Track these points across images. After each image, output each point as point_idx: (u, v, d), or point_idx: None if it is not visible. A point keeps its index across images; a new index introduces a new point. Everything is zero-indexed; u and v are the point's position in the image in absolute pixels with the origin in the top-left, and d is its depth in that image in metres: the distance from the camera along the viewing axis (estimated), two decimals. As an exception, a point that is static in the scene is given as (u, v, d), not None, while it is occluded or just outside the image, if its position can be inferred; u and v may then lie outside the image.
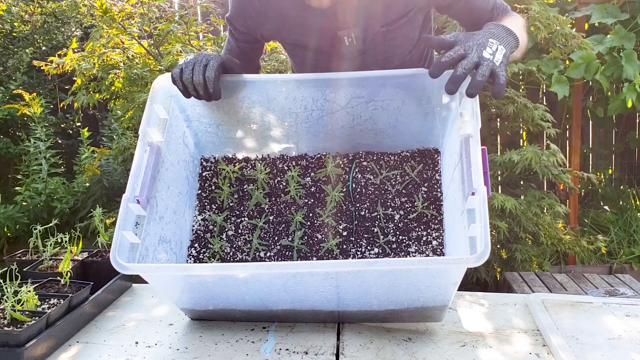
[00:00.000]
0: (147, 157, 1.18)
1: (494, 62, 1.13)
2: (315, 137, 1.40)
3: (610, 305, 1.30)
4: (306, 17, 1.34)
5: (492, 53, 1.13)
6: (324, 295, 1.10)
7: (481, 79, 1.10)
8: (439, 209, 1.31)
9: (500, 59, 1.14)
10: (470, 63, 1.11)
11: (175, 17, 3.58)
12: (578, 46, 3.38)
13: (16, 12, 4.84)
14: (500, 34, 1.19)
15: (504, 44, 1.17)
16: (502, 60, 1.14)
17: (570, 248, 3.46)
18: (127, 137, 4.02)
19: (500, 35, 1.18)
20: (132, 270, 1.02)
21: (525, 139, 4.30)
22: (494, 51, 1.14)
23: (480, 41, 1.15)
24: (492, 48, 1.14)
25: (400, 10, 1.34)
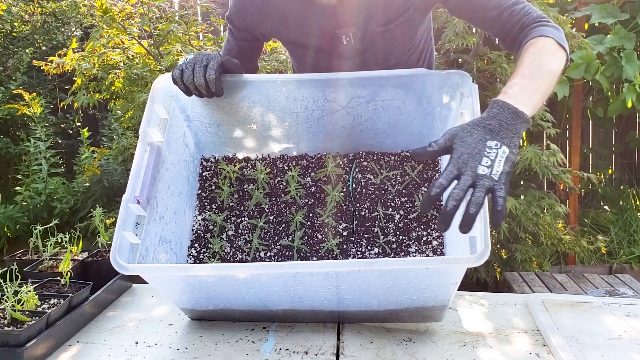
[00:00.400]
0: (147, 157, 1.18)
1: (491, 178, 0.94)
2: (315, 137, 1.40)
3: (610, 305, 1.30)
4: (306, 16, 1.34)
5: (490, 165, 0.95)
6: (324, 295, 1.10)
7: (474, 211, 0.92)
8: (439, 209, 1.31)
9: (501, 169, 0.95)
10: (462, 190, 0.93)
11: (175, 17, 3.58)
12: (578, 46, 3.38)
13: (16, 12, 4.84)
14: (504, 123, 0.99)
15: (508, 138, 0.97)
16: (502, 170, 0.95)
17: (570, 248, 3.46)
18: (127, 137, 4.02)
19: (503, 126, 0.99)
20: (132, 271, 1.02)
21: (525, 139, 4.30)
22: (492, 161, 0.95)
23: (475, 148, 0.96)
24: (490, 157, 0.95)
25: (399, 9, 1.33)
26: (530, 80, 1.09)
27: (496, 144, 0.97)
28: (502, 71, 3.29)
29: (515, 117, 1.00)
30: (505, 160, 0.96)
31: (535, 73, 1.11)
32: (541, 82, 1.11)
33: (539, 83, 1.10)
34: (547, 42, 1.18)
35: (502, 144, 0.97)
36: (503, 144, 0.97)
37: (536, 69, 1.12)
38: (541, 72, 1.12)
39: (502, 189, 0.94)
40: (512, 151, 0.97)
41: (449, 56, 3.60)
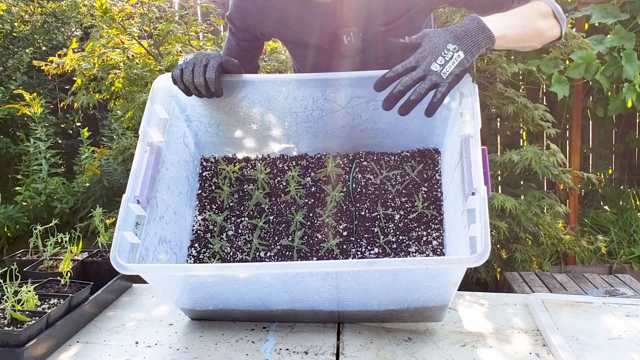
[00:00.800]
0: (147, 157, 1.18)
1: (440, 75, 1.06)
2: (315, 137, 1.40)
3: (610, 305, 1.30)
4: (306, 15, 1.34)
5: (443, 63, 1.06)
6: (324, 295, 1.10)
7: (414, 97, 1.05)
8: (439, 209, 1.31)
9: (451, 69, 1.06)
10: (412, 79, 1.06)
11: (175, 17, 3.58)
12: (578, 46, 3.38)
13: (16, 12, 4.84)
14: (469, 32, 1.09)
15: (468, 45, 1.08)
16: (452, 71, 1.06)
17: (570, 248, 3.46)
18: (127, 137, 4.02)
19: (467, 34, 1.09)
20: (132, 271, 1.02)
21: (525, 139, 4.31)
22: (446, 60, 1.06)
23: (437, 47, 1.07)
24: (445, 57, 1.06)
25: (401, 9, 1.33)
26: (513, 18, 1.19)
27: (454, 48, 1.07)
28: (502, 71, 3.29)
29: (480, 30, 1.10)
30: (458, 63, 1.06)
31: (520, 17, 1.21)
32: (522, 26, 1.20)
33: (519, 24, 1.19)
34: (544, 6, 1.27)
35: (459, 48, 1.07)
36: (461, 49, 1.07)
37: (523, 16, 1.22)
38: (527, 20, 1.22)
39: (445, 86, 1.06)
40: (466, 57, 1.07)
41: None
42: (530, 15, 1.24)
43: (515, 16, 1.21)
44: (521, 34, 1.20)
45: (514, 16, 1.21)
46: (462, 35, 1.09)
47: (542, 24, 1.26)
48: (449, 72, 1.06)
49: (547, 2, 1.29)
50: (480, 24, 1.11)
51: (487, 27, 1.10)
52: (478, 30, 1.10)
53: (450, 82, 1.06)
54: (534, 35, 1.25)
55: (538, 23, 1.25)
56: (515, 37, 1.18)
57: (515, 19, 1.20)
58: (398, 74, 1.08)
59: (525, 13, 1.24)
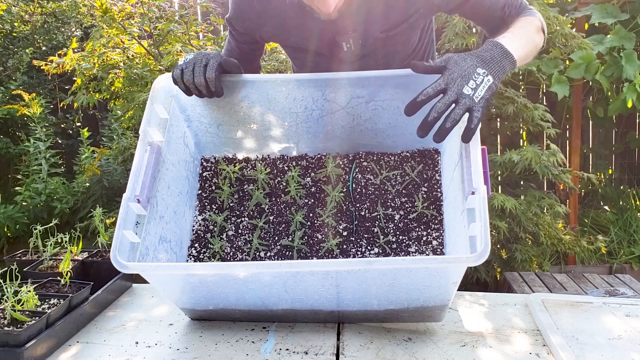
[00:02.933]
0: (147, 157, 1.18)
1: (472, 99, 1.05)
2: (315, 137, 1.40)
3: (610, 305, 1.30)
4: (306, 21, 1.34)
5: (475, 87, 1.06)
6: (324, 295, 1.10)
7: (450, 125, 1.05)
8: (439, 209, 1.31)
9: (482, 94, 1.07)
10: (445, 104, 1.05)
11: (175, 17, 3.58)
12: (578, 46, 3.38)
13: (16, 12, 4.84)
14: (495, 58, 1.11)
15: (496, 70, 1.09)
16: (483, 96, 1.07)
17: (570, 248, 3.46)
18: (127, 137, 4.02)
19: (494, 60, 1.11)
20: (132, 270, 1.02)
21: (525, 139, 4.31)
22: (477, 84, 1.07)
23: (466, 71, 1.07)
24: (476, 80, 1.07)
25: (401, 16, 1.33)
26: (520, 38, 1.21)
27: (484, 72, 1.08)
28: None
29: (505, 55, 1.12)
30: (488, 87, 1.08)
31: (524, 36, 1.24)
32: (528, 45, 1.24)
33: (525, 43, 1.23)
34: (536, 21, 1.32)
35: (489, 73, 1.09)
36: (490, 73, 1.09)
37: (526, 35, 1.26)
38: (529, 38, 1.26)
39: (479, 111, 1.06)
40: (495, 82, 1.09)
41: (449, 56, 3.59)
42: (530, 33, 1.27)
43: (522, 36, 1.23)
44: (527, 53, 1.23)
45: (521, 36, 1.22)
46: (490, 60, 1.10)
47: (538, 39, 1.31)
48: (480, 97, 1.06)
49: (534, 14, 1.34)
50: (504, 49, 1.13)
51: (510, 52, 1.13)
52: (503, 56, 1.12)
53: (483, 106, 1.07)
54: (533, 52, 1.29)
55: (536, 39, 1.29)
56: (522, 57, 1.21)
57: (522, 39, 1.22)
58: (429, 96, 1.07)
59: (527, 31, 1.27)
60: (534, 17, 1.32)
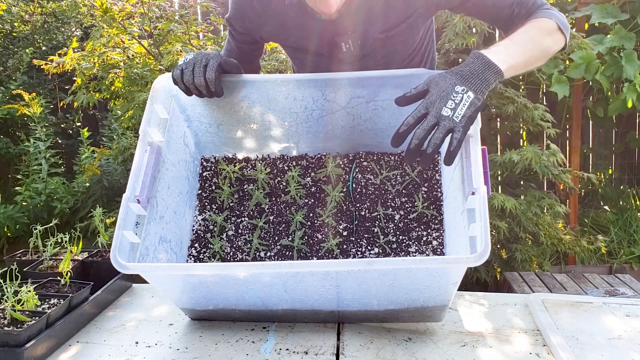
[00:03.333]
0: (147, 157, 1.18)
1: (452, 120, 1.02)
2: (315, 137, 1.40)
3: (610, 305, 1.30)
4: (305, 22, 1.33)
5: (454, 107, 1.03)
6: (324, 295, 1.10)
7: (431, 150, 1.02)
8: (439, 209, 1.31)
9: (463, 112, 1.03)
10: (424, 130, 1.03)
11: (175, 17, 3.57)
12: (578, 46, 3.38)
13: (16, 12, 4.84)
14: (475, 71, 1.06)
15: (477, 85, 1.05)
16: (464, 114, 1.03)
17: (570, 248, 3.46)
18: (127, 137, 4.02)
19: (474, 74, 1.06)
20: (132, 270, 1.02)
21: (525, 139, 4.30)
22: (456, 103, 1.03)
23: (444, 91, 1.04)
24: (455, 100, 1.03)
25: (400, 16, 1.32)
26: (517, 44, 1.17)
27: (463, 89, 1.04)
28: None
29: (487, 67, 1.07)
30: (469, 104, 1.04)
31: (524, 41, 1.19)
32: (528, 50, 1.19)
33: (524, 49, 1.18)
34: (548, 22, 1.24)
35: (468, 89, 1.04)
36: (470, 89, 1.04)
37: (527, 39, 1.20)
38: (531, 42, 1.20)
39: (460, 132, 1.03)
40: (477, 97, 1.04)
41: (449, 56, 3.60)
42: (534, 36, 1.21)
43: (520, 41, 1.18)
44: (528, 59, 1.19)
45: (518, 42, 1.18)
46: (469, 75, 1.06)
47: (548, 41, 1.23)
48: (461, 116, 1.03)
49: (550, 14, 1.26)
50: (485, 60, 1.08)
51: (492, 63, 1.08)
52: (484, 67, 1.07)
53: (465, 125, 1.03)
54: (540, 56, 1.24)
55: (544, 42, 1.22)
56: (522, 64, 1.17)
57: (520, 45, 1.17)
58: (410, 126, 1.05)
59: (530, 35, 1.21)
60: (547, 18, 1.25)
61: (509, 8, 1.30)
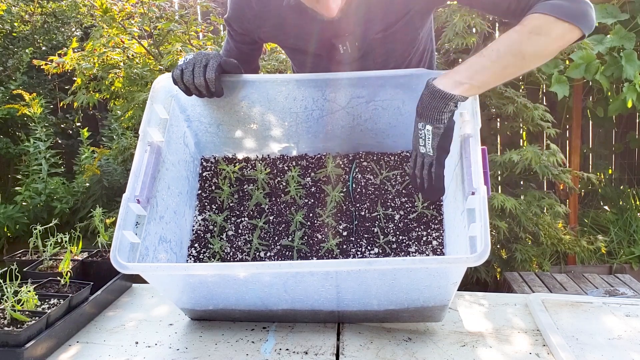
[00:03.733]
0: (147, 157, 1.18)
1: (429, 155, 1.11)
2: (315, 137, 1.40)
3: (610, 305, 1.30)
4: (303, 23, 1.33)
5: (424, 143, 1.11)
6: (324, 295, 1.10)
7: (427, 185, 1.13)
8: (439, 209, 1.31)
9: (430, 144, 1.10)
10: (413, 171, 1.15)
11: (175, 17, 3.57)
12: (578, 46, 3.38)
13: (16, 12, 4.84)
14: (425, 103, 1.10)
15: (430, 116, 1.09)
16: (432, 146, 1.10)
17: (570, 248, 3.46)
18: (127, 137, 4.02)
19: (424, 106, 1.10)
20: (132, 270, 1.02)
21: (525, 139, 4.30)
22: (424, 139, 1.11)
23: (414, 132, 1.13)
24: (421, 136, 1.11)
25: (397, 15, 1.30)
26: (487, 58, 1.11)
27: (422, 124, 1.11)
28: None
29: (433, 96, 1.09)
30: (432, 136, 1.10)
31: (499, 52, 1.11)
32: (501, 63, 1.12)
33: (495, 61, 1.11)
34: (540, 20, 1.12)
35: (425, 123, 1.10)
36: (426, 122, 1.10)
37: (504, 48, 1.11)
38: (508, 51, 1.11)
39: (435, 164, 1.11)
40: (435, 127, 1.09)
41: (449, 56, 3.60)
42: (514, 42, 1.12)
43: (491, 54, 1.11)
44: (500, 70, 1.12)
45: (489, 55, 1.11)
46: (422, 109, 1.11)
47: (534, 44, 1.12)
48: (431, 148, 1.11)
49: (548, 8, 1.13)
50: (431, 90, 1.10)
51: (438, 90, 1.09)
52: (431, 97, 1.10)
53: (438, 156, 1.11)
54: (521, 63, 1.14)
55: (527, 47, 1.12)
56: (490, 78, 1.13)
57: (490, 58, 1.11)
58: (412, 168, 1.16)
59: (508, 42, 1.12)
60: (540, 14, 1.12)
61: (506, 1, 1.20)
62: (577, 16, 1.12)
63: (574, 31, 1.13)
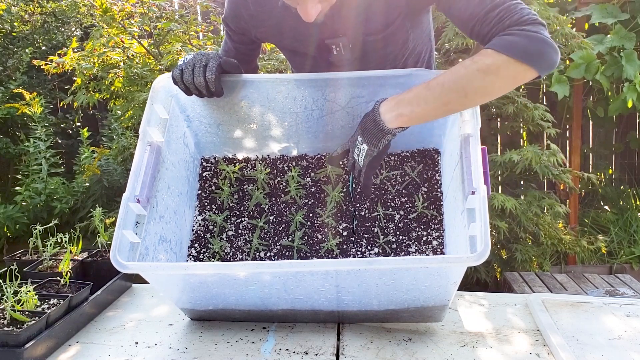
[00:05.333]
0: (147, 157, 1.18)
1: (359, 164, 1.20)
2: (315, 137, 1.40)
3: (610, 306, 1.30)
4: (298, 24, 1.32)
5: (358, 154, 1.20)
6: (324, 295, 1.10)
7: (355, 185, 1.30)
8: (439, 208, 1.31)
9: (363, 160, 1.19)
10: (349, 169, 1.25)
11: (175, 17, 3.57)
12: (578, 46, 3.38)
13: (16, 12, 4.83)
14: (368, 126, 1.16)
15: (369, 138, 1.16)
16: (364, 162, 1.19)
17: (571, 248, 3.46)
18: (127, 137, 4.02)
19: (367, 129, 1.16)
20: (132, 269, 1.02)
21: (525, 139, 4.30)
22: (359, 151, 1.19)
23: (353, 139, 1.22)
24: (358, 148, 1.20)
25: (387, 18, 1.27)
26: (431, 93, 1.10)
27: (361, 140, 1.19)
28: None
29: (375, 124, 1.15)
30: (365, 154, 1.18)
31: (442, 88, 1.09)
32: (443, 99, 1.09)
33: (438, 99, 1.09)
34: (492, 58, 1.06)
35: (364, 141, 1.18)
36: (365, 141, 1.18)
37: (448, 86, 1.09)
38: (452, 89, 1.08)
39: (363, 176, 1.21)
40: (370, 149, 1.17)
41: (449, 56, 3.60)
42: (460, 79, 1.08)
43: (436, 88, 1.09)
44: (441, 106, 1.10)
45: (434, 88, 1.09)
46: (365, 130, 1.17)
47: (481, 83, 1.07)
48: (362, 163, 1.20)
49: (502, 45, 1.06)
50: (374, 118, 1.15)
51: (379, 121, 1.14)
52: (373, 124, 1.15)
53: (366, 171, 1.20)
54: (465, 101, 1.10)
55: (472, 86, 1.08)
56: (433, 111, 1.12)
57: (433, 91, 1.09)
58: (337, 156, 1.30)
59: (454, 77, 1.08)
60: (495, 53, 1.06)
61: (472, 21, 1.14)
62: (533, 56, 1.06)
63: (528, 72, 1.07)
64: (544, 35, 1.07)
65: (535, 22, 1.08)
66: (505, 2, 1.11)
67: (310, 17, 1.17)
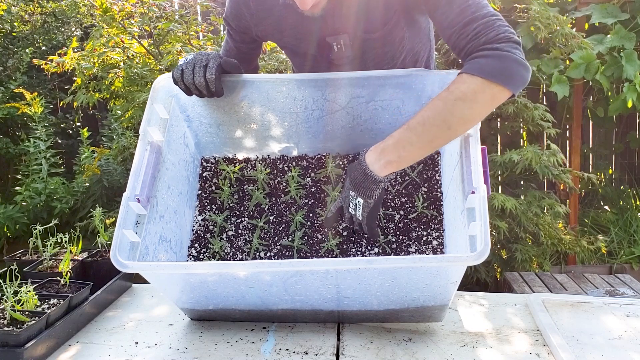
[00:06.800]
0: (147, 157, 1.18)
1: (358, 218, 1.20)
2: (315, 137, 1.40)
3: (610, 306, 1.30)
4: (299, 22, 1.32)
5: (354, 208, 1.19)
6: (324, 294, 1.10)
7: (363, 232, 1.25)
8: (439, 209, 1.31)
9: (360, 213, 1.18)
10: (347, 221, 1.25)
11: (175, 17, 3.57)
12: (578, 46, 3.38)
13: (16, 12, 4.84)
14: (358, 180, 1.14)
15: (362, 192, 1.15)
16: (362, 215, 1.18)
17: (571, 248, 3.46)
18: (127, 136, 4.02)
19: (357, 183, 1.14)
20: (132, 269, 1.02)
21: (525, 139, 4.30)
22: (354, 206, 1.18)
23: (346, 195, 1.20)
24: (352, 202, 1.18)
25: (383, 17, 1.28)
26: (413, 133, 1.09)
27: (354, 195, 1.17)
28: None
29: (365, 177, 1.13)
30: (362, 207, 1.18)
31: (423, 126, 1.09)
32: (426, 137, 1.09)
33: (422, 137, 1.09)
34: (467, 83, 1.07)
35: (358, 195, 1.16)
36: (358, 195, 1.16)
37: (429, 123, 1.08)
38: (433, 125, 1.08)
39: (366, 227, 1.20)
40: (366, 201, 1.16)
41: (449, 56, 3.60)
42: (439, 112, 1.08)
43: (417, 126, 1.09)
44: (427, 143, 1.11)
45: (414, 128, 1.09)
46: (355, 184, 1.16)
47: (460, 112, 1.07)
48: (361, 216, 1.19)
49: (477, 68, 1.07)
50: (362, 170, 1.13)
51: (369, 173, 1.12)
52: (364, 177, 1.14)
53: (367, 224, 1.20)
54: (449, 133, 1.10)
55: (453, 115, 1.07)
56: (420, 151, 1.12)
57: (415, 131, 1.09)
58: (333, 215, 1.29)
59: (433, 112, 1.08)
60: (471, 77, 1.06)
61: (450, 29, 1.14)
62: (505, 76, 1.06)
63: (503, 92, 1.08)
64: (516, 54, 1.07)
65: (510, 40, 1.08)
66: (485, 16, 1.11)
67: (306, 5, 1.16)
